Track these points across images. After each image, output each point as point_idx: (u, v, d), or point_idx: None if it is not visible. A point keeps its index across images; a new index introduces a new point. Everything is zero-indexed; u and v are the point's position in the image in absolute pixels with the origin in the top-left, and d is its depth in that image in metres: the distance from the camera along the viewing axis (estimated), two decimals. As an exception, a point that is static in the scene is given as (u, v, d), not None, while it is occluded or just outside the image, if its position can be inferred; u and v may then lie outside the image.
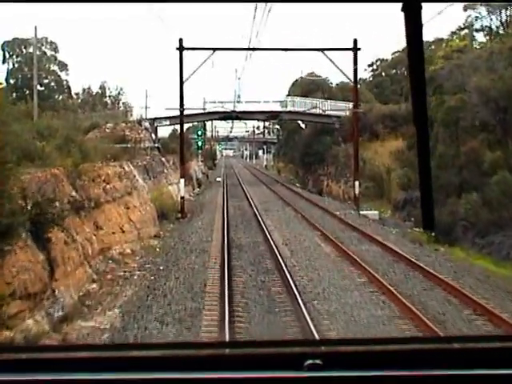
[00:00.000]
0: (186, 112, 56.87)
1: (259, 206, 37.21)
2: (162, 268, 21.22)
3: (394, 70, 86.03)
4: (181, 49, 37.27)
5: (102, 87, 63.87)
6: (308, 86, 59.45)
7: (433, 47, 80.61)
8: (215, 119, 59.60)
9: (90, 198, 24.33)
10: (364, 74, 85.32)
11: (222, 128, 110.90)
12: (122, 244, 25.52)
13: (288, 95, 62.07)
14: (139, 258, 24.33)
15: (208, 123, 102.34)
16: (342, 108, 52.58)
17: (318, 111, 53.36)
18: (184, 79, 37.86)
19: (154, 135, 54.81)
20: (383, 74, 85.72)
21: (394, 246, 23.30)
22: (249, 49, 38.28)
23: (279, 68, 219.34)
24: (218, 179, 66.85)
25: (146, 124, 54.92)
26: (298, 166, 67.54)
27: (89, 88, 64.87)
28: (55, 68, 76.75)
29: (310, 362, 1.70)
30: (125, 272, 21.77)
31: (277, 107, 57.53)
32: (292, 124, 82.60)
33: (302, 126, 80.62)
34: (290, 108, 55.55)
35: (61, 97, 75.04)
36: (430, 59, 76.93)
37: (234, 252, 21.80)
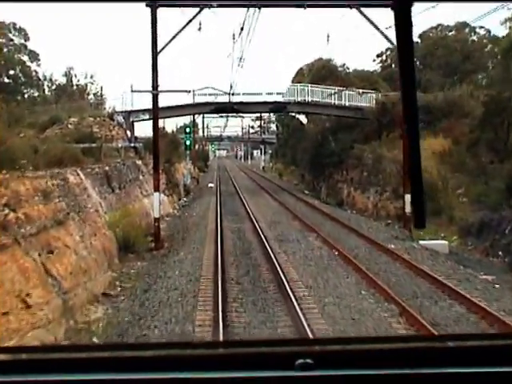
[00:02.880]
0: (169, 102, 44.13)
1: (269, 232, 24.37)
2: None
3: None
4: (153, 4, 24.38)
5: (68, 74, 50.66)
6: (319, 73, 46.44)
7: (453, 32, 68.33)
8: (207, 112, 46.65)
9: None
10: (372, 64, 73.02)
11: (214, 128, 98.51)
12: (24, 335, 12.57)
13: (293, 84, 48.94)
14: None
15: (199, 121, 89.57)
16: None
17: (347, 101, 40.53)
18: (159, 49, 24.98)
19: (129, 132, 41.95)
20: (393, 65, 73.29)
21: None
22: (250, 6, 25.36)
23: (283, 54, 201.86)
24: (210, 185, 53.78)
25: (120, 118, 42.01)
26: (305, 168, 54.68)
27: (51, 76, 51.66)
28: (25, 58, 63.77)
29: (301, 361, 1.60)
30: None
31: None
32: (294, 120, 69.88)
33: (304, 121, 68.11)
34: (299, 98, 42.62)
35: (30, 90, 62.31)
36: (450, 44, 64.50)
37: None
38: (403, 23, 1.57)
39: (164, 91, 24.99)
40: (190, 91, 25.19)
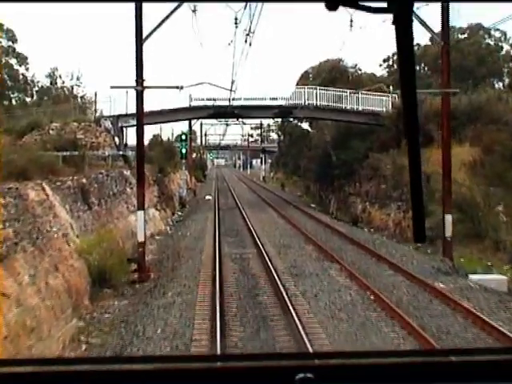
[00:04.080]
0: (164, 106, 39.13)
1: (279, 262, 19.31)
2: None
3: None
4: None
5: (52, 76, 45.51)
6: (329, 75, 41.31)
7: (465, 35, 63.51)
8: (205, 117, 41.57)
9: None
10: (378, 70, 68.46)
11: (212, 136, 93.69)
12: None
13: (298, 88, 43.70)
14: None
15: (197, 129, 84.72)
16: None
17: (361, 105, 35.58)
18: (144, 36, 19.95)
19: (117, 139, 36.93)
20: (399, 71, 68.49)
21: None
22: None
23: (287, 59, 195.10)
24: (207, 197, 48.66)
25: (107, 123, 37.04)
26: (311, 179, 49.67)
27: (33, 77, 46.54)
28: (13, 61, 58.80)
29: (301, 375, 1.55)
30: None
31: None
32: (297, 128, 65.04)
33: (306, 127, 63.34)
34: (306, 102, 37.57)
35: (18, 95, 57.31)
36: (463, 47, 59.61)
37: None
38: (404, 38, 1.53)
39: (149, 87, 19.92)
40: (181, 87, 20.12)
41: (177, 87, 20.24)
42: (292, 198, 49.55)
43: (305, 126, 64.33)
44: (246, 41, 19.92)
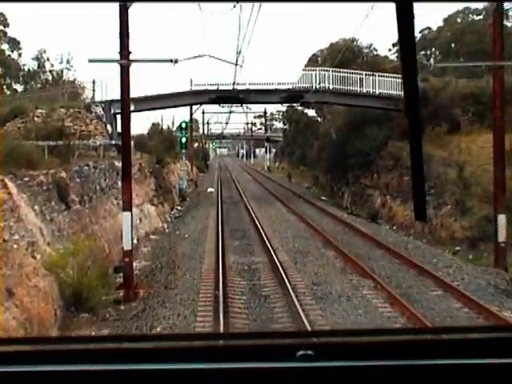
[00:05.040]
0: (157, 89, 35.13)
1: (297, 276, 15.28)
2: None
3: (423, 51, 64.64)
4: None
5: (39, 58, 41.28)
6: (342, 56, 37.02)
7: (481, 16, 59.38)
8: (206, 103, 37.43)
9: None
10: (388, 54, 64.10)
11: (215, 125, 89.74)
12: None
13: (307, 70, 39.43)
14: None
15: (199, 117, 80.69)
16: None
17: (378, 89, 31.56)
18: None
19: (110, 127, 32.92)
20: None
21: None
22: None
23: (294, 46, 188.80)
24: (209, 190, 44.56)
25: (99, 110, 33.04)
26: (320, 170, 45.63)
27: (18, 59, 42.35)
28: (5, 47, 54.58)
29: (301, 352, 1.55)
30: None
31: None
32: (304, 115, 60.95)
33: (312, 114, 59.45)
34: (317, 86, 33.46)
35: (9, 81, 53.22)
36: (480, 29, 55.41)
37: None
38: (405, 16, 1.47)
39: (136, 60, 15.84)
40: (176, 60, 16.08)
41: (171, 61, 16.17)
42: (300, 189, 45.46)
43: (311, 113, 60.31)
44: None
